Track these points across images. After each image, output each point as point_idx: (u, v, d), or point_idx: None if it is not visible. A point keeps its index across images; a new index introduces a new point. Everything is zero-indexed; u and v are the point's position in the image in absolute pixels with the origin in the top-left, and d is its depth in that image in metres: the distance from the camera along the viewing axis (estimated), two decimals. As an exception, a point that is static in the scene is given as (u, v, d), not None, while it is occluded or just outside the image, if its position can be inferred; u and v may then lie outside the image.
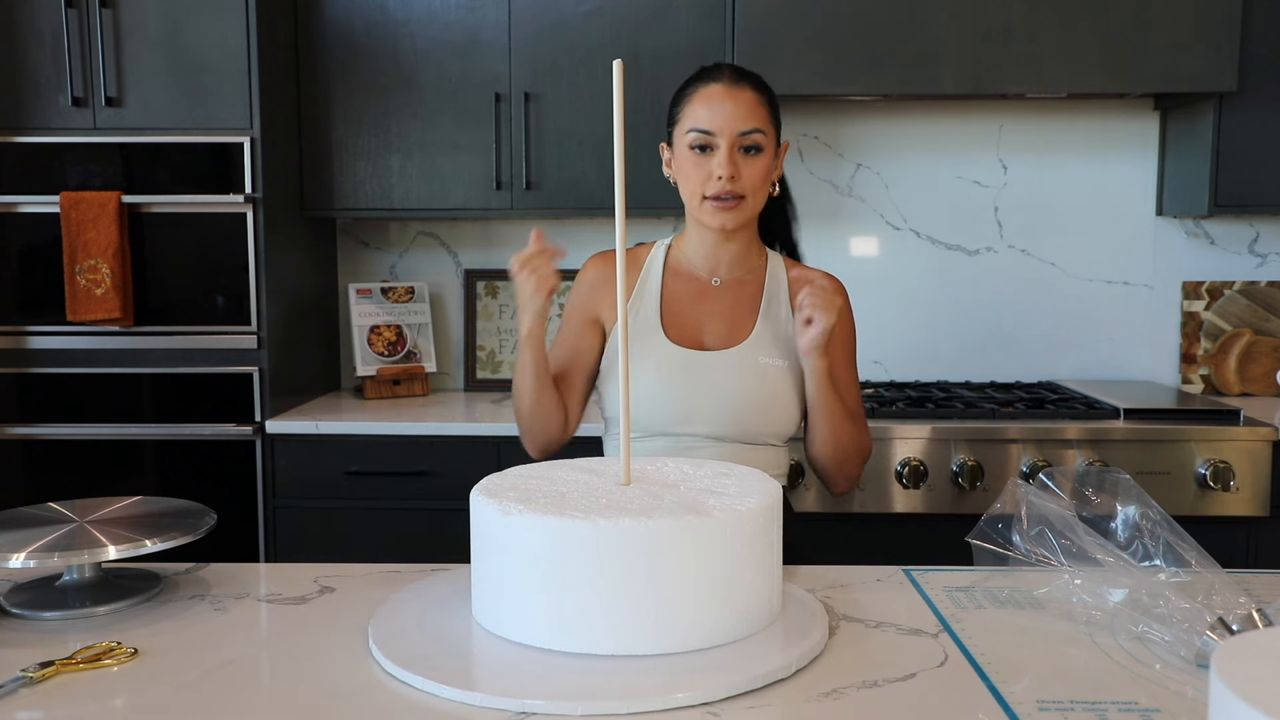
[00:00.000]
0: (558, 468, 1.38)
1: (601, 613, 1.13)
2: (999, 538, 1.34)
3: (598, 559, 1.12)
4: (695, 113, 1.64)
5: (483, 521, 1.21)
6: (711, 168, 1.62)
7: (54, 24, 2.70)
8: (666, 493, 1.24)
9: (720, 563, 1.16)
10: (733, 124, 1.61)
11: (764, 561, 1.21)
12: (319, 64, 2.95)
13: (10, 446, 2.80)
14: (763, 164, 1.64)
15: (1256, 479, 2.57)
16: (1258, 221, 3.16)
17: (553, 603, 1.14)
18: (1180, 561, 1.25)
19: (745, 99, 1.63)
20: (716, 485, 1.28)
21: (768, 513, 1.22)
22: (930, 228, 3.20)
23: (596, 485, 1.28)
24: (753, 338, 1.67)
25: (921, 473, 2.58)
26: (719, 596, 1.16)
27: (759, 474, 1.33)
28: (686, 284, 1.73)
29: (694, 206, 1.67)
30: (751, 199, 1.64)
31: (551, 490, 1.26)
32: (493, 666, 1.14)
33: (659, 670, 1.11)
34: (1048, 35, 2.72)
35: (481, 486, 1.27)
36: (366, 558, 1.62)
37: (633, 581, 1.13)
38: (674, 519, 1.14)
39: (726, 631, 1.17)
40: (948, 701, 1.08)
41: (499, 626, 1.20)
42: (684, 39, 2.87)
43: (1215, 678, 0.71)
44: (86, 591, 1.36)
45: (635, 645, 1.13)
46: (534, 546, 1.15)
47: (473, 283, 3.28)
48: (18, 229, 2.77)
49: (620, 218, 1.31)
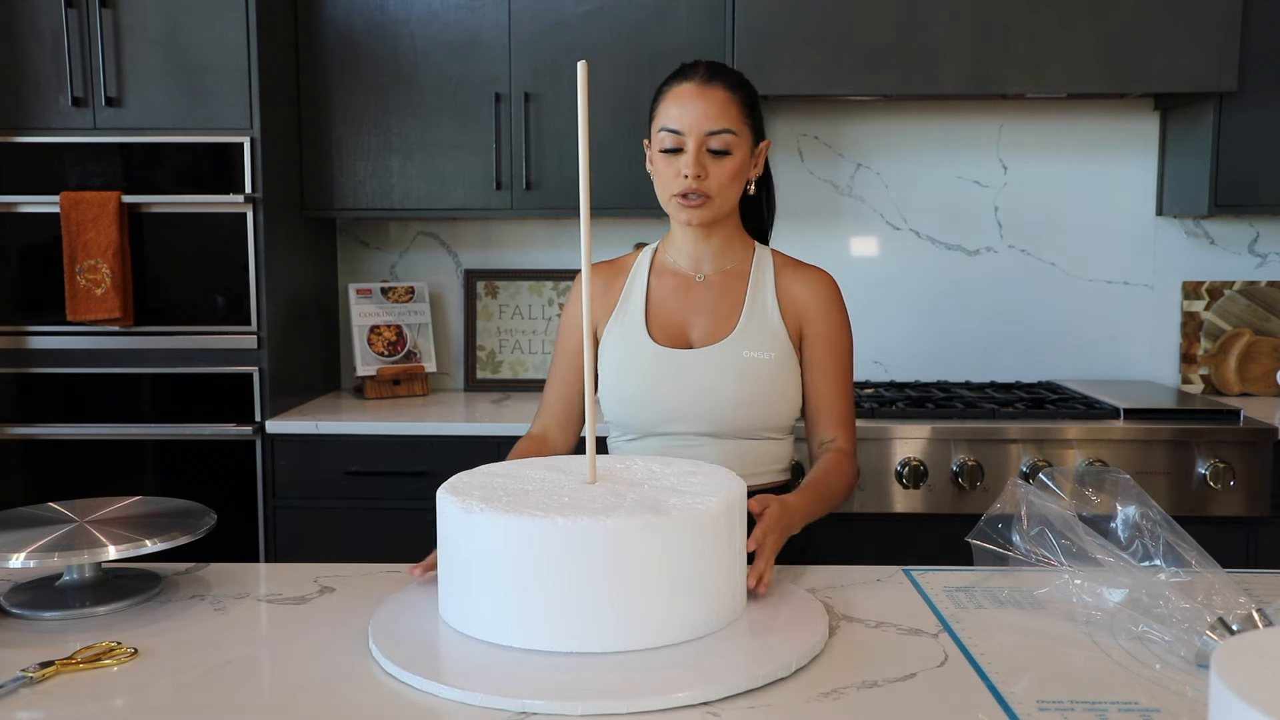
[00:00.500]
0: (528, 466, 1.39)
1: (561, 610, 1.14)
2: (999, 538, 1.34)
3: (556, 557, 1.13)
4: (667, 111, 1.63)
5: (446, 519, 1.22)
6: (679, 166, 1.61)
7: (54, 24, 2.70)
8: (629, 491, 1.25)
9: (680, 561, 1.17)
10: (701, 124, 1.60)
11: (725, 560, 1.22)
12: (319, 64, 2.95)
13: (10, 446, 2.80)
14: (731, 163, 1.62)
15: (1256, 479, 2.57)
16: (1258, 221, 3.16)
17: (512, 600, 1.15)
18: (1180, 561, 1.25)
19: (716, 98, 1.61)
20: (681, 484, 1.29)
21: (729, 511, 1.22)
22: (930, 228, 3.20)
23: (562, 484, 1.29)
24: (736, 333, 1.66)
25: (921, 473, 2.58)
26: (679, 594, 1.17)
27: (727, 473, 1.34)
28: (672, 282, 1.73)
29: (665, 203, 1.67)
30: (718, 198, 1.63)
31: (516, 489, 1.26)
32: (492, 666, 1.14)
33: (659, 670, 1.11)
34: (1048, 35, 2.72)
35: (448, 484, 1.29)
36: (366, 558, 1.62)
37: (591, 579, 1.13)
38: (633, 518, 1.14)
39: (688, 629, 1.18)
40: (948, 701, 1.08)
41: (463, 624, 1.20)
42: (684, 39, 2.87)
43: (1215, 678, 0.71)
44: (86, 591, 1.36)
45: (595, 643, 1.14)
46: (493, 545, 1.16)
47: (473, 283, 3.28)
48: (18, 229, 2.77)
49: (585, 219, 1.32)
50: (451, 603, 1.23)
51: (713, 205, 1.63)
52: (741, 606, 1.26)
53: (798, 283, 1.70)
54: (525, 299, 3.26)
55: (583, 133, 1.29)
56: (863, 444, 2.60)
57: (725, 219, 1.69)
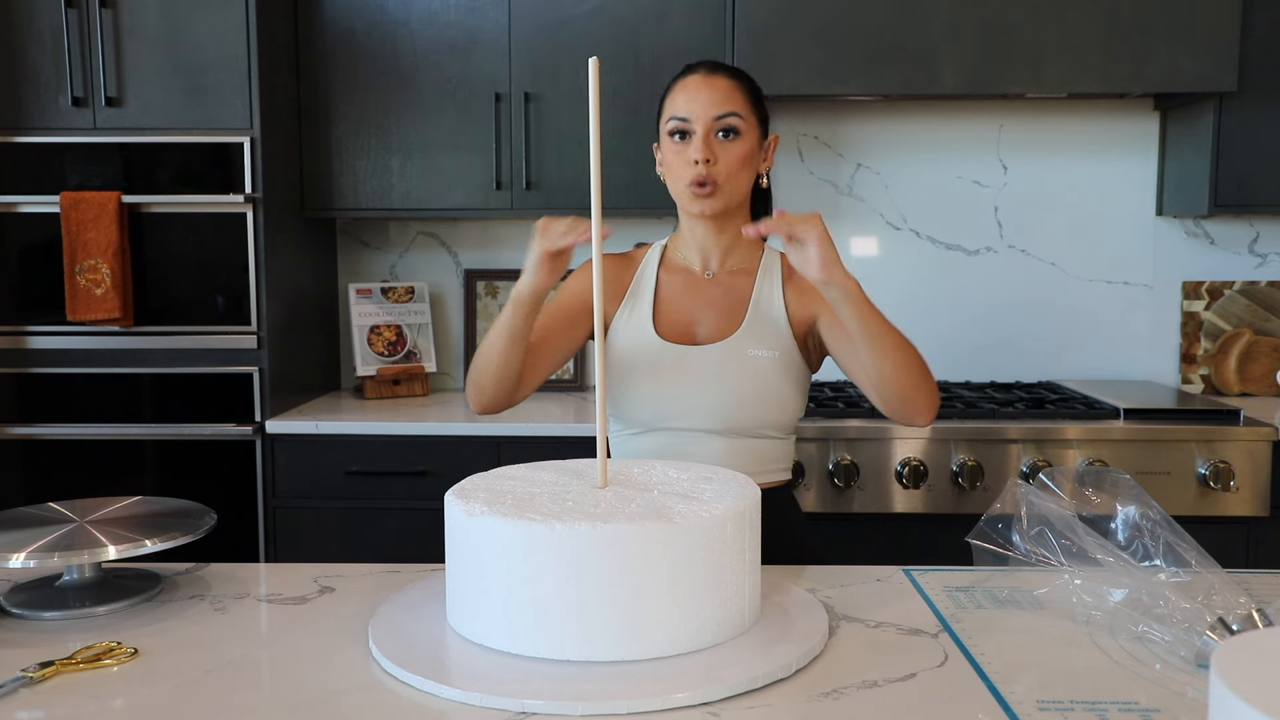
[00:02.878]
0: (542, 469, 1.38)
1: (560, 617, 1.12)
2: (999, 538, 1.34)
3: (554, 563, 1.12)
4: (674, 102, 1.67)
5: (450, 522, 1.22)
6: (689, 154, 1.63)
7: (54, 24, 2.70)
8: (637, 496, 1.23)
9: (682, 569, 1.14)
10: (708, 109, 1.63)
11: (731, 569, 1.18)
12: (319, 64, 2.95)
13: (10, 446, 2.80)
14: (739, 148, 1.64)
15: (1256, 479, 2.57)
16: (1258, 221, 3.16)
17: (512, 606, 1.14)
18: (1180, 561, 1.25)
19: (720, 85, 1.65)
20: (693, 490, 1.26)
21: (736, 519, 1.19)
22: (930, 228, 3.20)
23: (570, 488, 1.27)
24: (742, 330, 1.66)
25: (921, 473, 2.58)
26: (681, 604, 1.14)
27: (742, 480, 1.31)
28: (681, 278, 1.73)
29: (678, 195, 1.67)
30: (728, 185, 1.64)
31: (523, 492, 1.25)
32: (493, 666, 1.13)
33: (659, 670, 1.11)
34: (1048, 35, 2.72)
35: (457, 487, 1.28)
36: (366, 558, 1.63)
37: (590, 587, 1.11)
38: (633, 524, 1.12)
39: (691, 640, 1.15)
40: (948, 701, 1.08)
41: (465, 628, 1.20)
42: (684, 39, 2.87)
43: (1215, 678, 0.71)
44: (86, 591, 1.36)
45: (595, 651, 1.12)
46: (492, 548, 1.15)
47: (473, 283, 3.28)
48: (18, 229, 2.77)
49: (596, 215, 1.31)
50: (455, 606, 1.22)
51: (723, 194, 1.64)
52: (751, 618, 1.23)
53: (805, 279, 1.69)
54: (525, 299, 3.26)
55: (594, 130, 1.28)
56: (863, 444, 2.60)
57: (735, 214, 1.69)
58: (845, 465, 2.58)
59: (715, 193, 1.63)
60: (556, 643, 1.13)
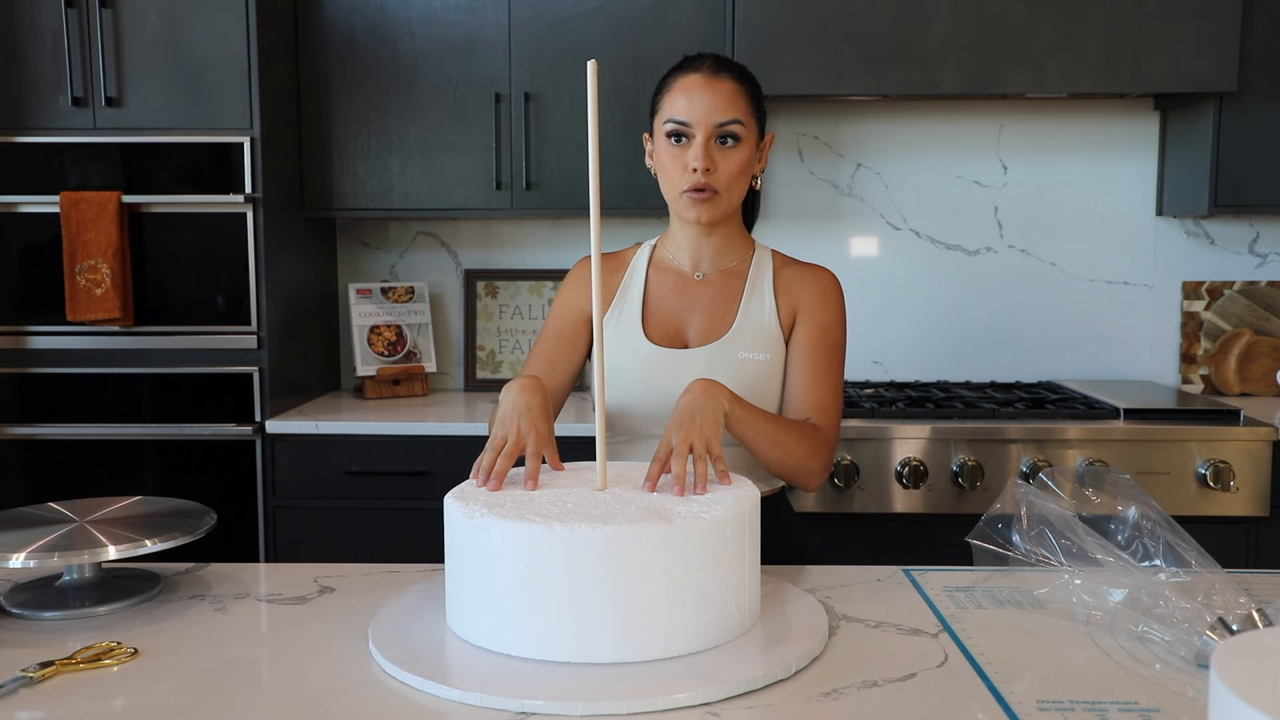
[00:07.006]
0: (543, 473, 1.37)
1: (560, 619, 1.12)
2: (999, 538, 1.34)
3: (553, 565, 1.12)
4: (674, 102, 1.60)
5: (450, 524, 1.22)
6: (688, 159, 1.58)
7: (54, 24, 2.70)
8: (637, 498, 1.23)
9: (680, 571, 1.13)
10: (710, 115, 1.57)
11: (731, 570, 1.18)
12: (319, 64, 2.95)
13: (10, 446, 2.80)
14: (740, 155, 1.60)
15: (1256, 479, 2.57)
16: (1258, 221, 3.16)
17: (511, 607, 1.14)
18: (1180, 561, 1.25)
19: (724, 89, 1.59)
20: (694, 492, 1.27)
21: (736, 521, 1.19)
22: (930, 228, 3.20)
23: (570, 490, 1.27)
24: (731, 333, 1.64)
25: (921, 473, 2.58)
26: (680, 605, 1.14)
27: (744, 482, 1.31)
28: (670, 279, 1.70)
29: (672, 199, 1.64)
30: (727, 193, 1.60)
31: (524, 493, 1.26)
32: (492, 667, 1.14)
33: (659, 671, 1.11)
34: (1048, 35, 2.72)
35: (457, 489, 1.28)
36: (366, 558, 1.63)
37: (589, 587, 1.11)
38: (632, 526, 1.12)
39: (690, 642, 1.15)
40: (948, 701, 1.08)
41: (465, 630, 1.20)
42: (684, 39, 2.87)
43: (1215, 678, 0.71)
44: (86, 591, 1.36)
45: (594, 653, 1.12)
46: (491, 550, 1.15)
47: (473, 283, 3.28)
48: (18, 229, 2.77)
49: (595, 217, 1.30)
50: (455, 607, 1.22)
51: (721, 201, 1.60)
52: (750, 619, 1.23)
53: (796, 279, 1.67)
54: (525, 299, 3.26)
55: (592, 133, 1.28)
56: (863, 444, 2.60)
57: (728, 216, 1.67)
58: (845, 465, 2.58)
59: (713, 200, 1.60)
60: (556, 644, 1.13)
